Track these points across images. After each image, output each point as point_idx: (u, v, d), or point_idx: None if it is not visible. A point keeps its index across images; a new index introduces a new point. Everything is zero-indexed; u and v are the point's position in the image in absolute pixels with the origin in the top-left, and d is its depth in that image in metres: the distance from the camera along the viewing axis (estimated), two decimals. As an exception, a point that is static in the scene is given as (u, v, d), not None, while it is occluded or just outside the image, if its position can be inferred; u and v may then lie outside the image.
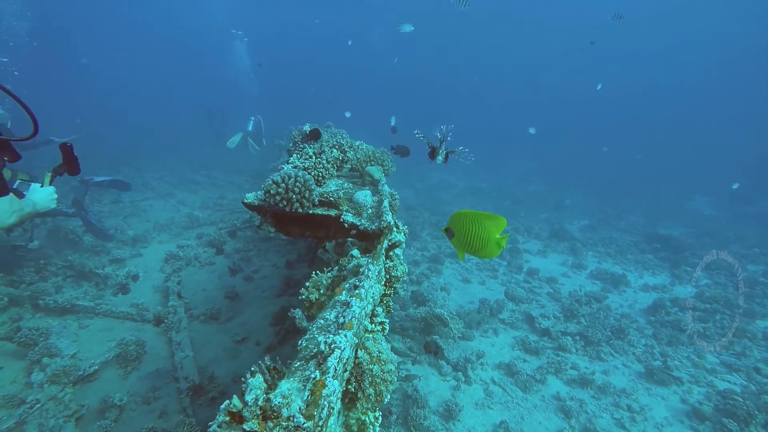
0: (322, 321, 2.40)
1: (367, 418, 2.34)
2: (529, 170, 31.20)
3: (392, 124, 4.90)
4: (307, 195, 3.67)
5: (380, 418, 2.46)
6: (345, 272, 2.95)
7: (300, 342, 2.22)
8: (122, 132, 27.47)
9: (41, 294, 7.12)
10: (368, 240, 3.56)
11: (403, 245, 3.43)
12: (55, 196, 3.42)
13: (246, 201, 3.85)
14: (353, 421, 2.37)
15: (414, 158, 6.65)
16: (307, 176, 3.72)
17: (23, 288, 7.25)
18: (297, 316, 2.83)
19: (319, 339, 2.11)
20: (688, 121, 51.10)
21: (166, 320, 7.02)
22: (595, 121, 50.42)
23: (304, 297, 3.01)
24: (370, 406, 2.38)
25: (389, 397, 2.48)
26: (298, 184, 3.63)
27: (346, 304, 2.46)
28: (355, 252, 2.99)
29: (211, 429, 1.64)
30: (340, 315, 2.39)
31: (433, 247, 12.56)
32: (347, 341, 2.14)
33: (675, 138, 46.18)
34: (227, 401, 1.68)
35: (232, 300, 8.08)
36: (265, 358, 2.11)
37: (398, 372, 3.04)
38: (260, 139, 16.76)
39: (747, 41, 40.54)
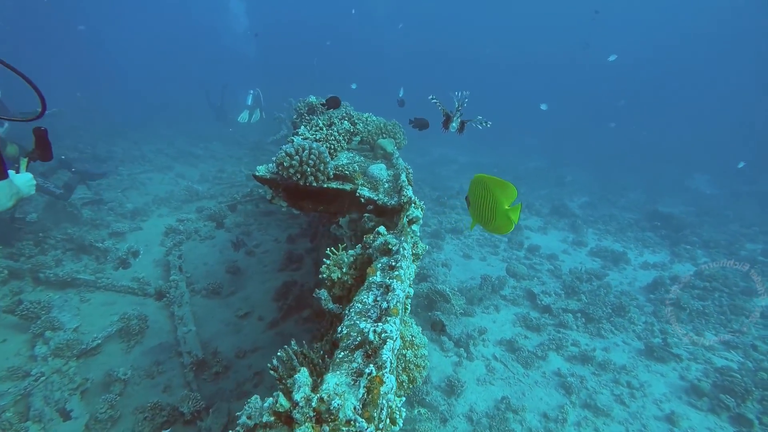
0: (359, 305, 2.24)
1: (393, 404, 2.27)
2: (531, 146, 30.94)
3: (400, 95, 4.66)
4: (321, 168, 3.49)
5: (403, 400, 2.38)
6: (371, 250, 2.80)
7: (339, 329, 2.06)
8: (118, 103, 26.97)
9: (41, 267, 7.06)
10: (385, 215, 3.43)
11: (421, 221, 3.29)
12: (34, 182, 3.27)
13: (257, 174, 3.65)
14: (378, 405, 2.30)
15: (414, 131, 6.40)
16: (322, 148, 3.53)
17: (23, 261, 7.19)
18: (323, 297, 2.69)
19: (363, 326, 1.95)
20: (690, 98, 50.41)
21: (167, 294, 7.00)
22: (603, 96, 49.61)
23: (325, 276, 2.86)
24: (402, 392, 2.29)
25: (421, 382, 2.39)
26: (312, 156, 3.46)
27: (386, 287, 2.27)
28: (381, 229, 2.82)
29: (240, 421, 1.55)
30: (381, 299, 2.21)
31: (434, 222, 12.49)
32: (397, 329, 1.95)
33: (678, 114, 45.64)
34: (270, 399, 1.51)
35: (234, 274, 8.05)
36: (291, 343, 2.02)
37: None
38: (260, 112, 16.51)
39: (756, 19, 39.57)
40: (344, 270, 2.84)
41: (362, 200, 3.53)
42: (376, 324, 1.92)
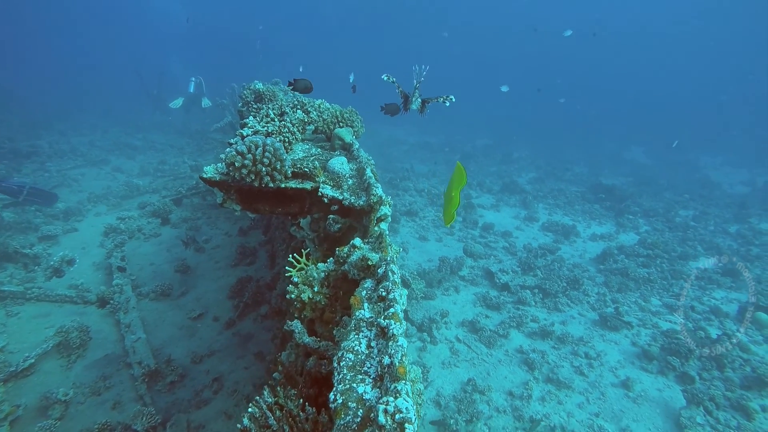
0: (351, 356, 1.80)
1: None
2: (478, 123, 31.38)
3: (351, 81, 4.30)
4: (278, 166, 3.15)
5: None
6: (346, 266, 2.41)
7: (332, 396, 1.65)
8: (40, 89, 24.59)
9: (-43, 281, 6.31)
10: (351, 215, 3.12)
11: (389, 219, 3.03)
12: None
13: (205, 176, 3.17)
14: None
15: (362, 111, 6.01)
16: (277, 144, 3.14)
17: (-65, 275, 6.39)
18: (296, 330, 2.24)
19: (362, 391, 1.57)
20: (625, 73, 53.08)
21: (111, 301, 6.47)
22: (546, 73, 51.05)
23: (294, 296, 2.46)
24: None
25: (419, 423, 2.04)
26: (267, 153, 3.09)
27: (381, 330, 1.85)
28: (357, 241, 2.48)
29: None
30: (379, 348, 1.82)
31: (390, 206, 12.38)
32: (413, 404, 1.50)
33: (613, 89, 47.93)
34: None
35: (184, 273, 7.59)
36: (264, 393, 1.77)
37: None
38: (201, 99, 15.66)
39: None
40: (316, 288, 2.46)
41: (326, 200, 3.20)
42: (380, 393, 1.51)
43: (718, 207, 15.05)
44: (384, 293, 1.97)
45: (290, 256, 2.77)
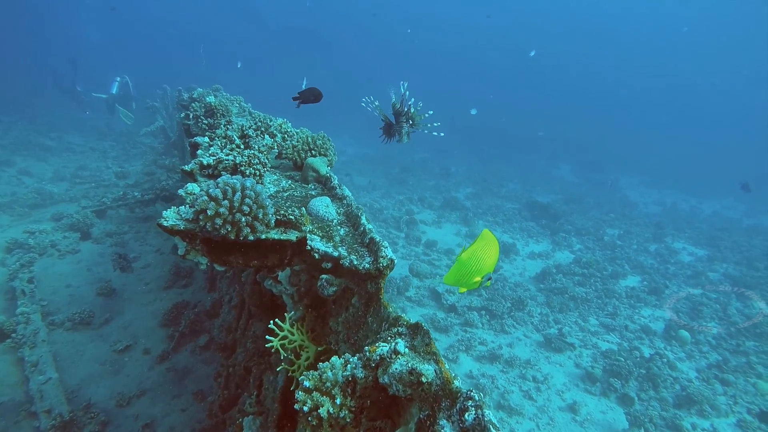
0: None
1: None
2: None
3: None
4: (260, 215, 2.59)
5: None
6: (387, 378, 1.77)
7: None
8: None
9: None
10: (345, 275, 2.59)
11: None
12: None
13: (165, 224, 2.55)
14: None
15: (297, 121, 5.53)
16: (258, 187, 2.63)
17: None
18: None
19: None
20: (552, 93, 56.85)
21: (13, 334, 5.55)
22: (477, 91, 53.20)
23: (306, 407, 1.82)
24: None
25: None
26: (247, 200, 2.53)
27: None
28: (401, 346, 1.83)
29: None
30: None
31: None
32: None
33: (542, 109, 51.08)
34: None
35: (108, 297, 6.76)
36: None
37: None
38: (129, 102, 14.29)
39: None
40: (338, 401, 1.81)
41: (317, 256, 2.63)
42: None
43: (639, 226, 16.33)
44: None
45: (270, 322, 2.38)
